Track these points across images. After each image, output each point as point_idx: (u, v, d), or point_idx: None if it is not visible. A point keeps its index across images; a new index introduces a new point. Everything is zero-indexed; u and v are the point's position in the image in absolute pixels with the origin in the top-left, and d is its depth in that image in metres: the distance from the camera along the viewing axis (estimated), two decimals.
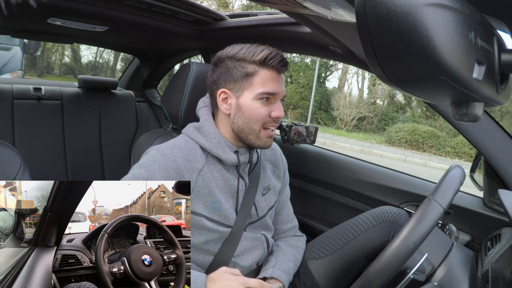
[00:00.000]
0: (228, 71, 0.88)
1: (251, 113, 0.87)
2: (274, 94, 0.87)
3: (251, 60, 0.85)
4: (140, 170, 0.82)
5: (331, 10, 0.63)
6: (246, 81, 0.86)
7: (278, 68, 0.86)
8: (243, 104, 0.87)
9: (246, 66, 0.86)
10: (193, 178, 0.86)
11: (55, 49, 13.25)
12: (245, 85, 0.86)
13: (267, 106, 0.87)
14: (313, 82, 10.91)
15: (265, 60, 0.85)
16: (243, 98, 0.87)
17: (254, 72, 0.85)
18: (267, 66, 0.85)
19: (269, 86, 0.86)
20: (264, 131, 0.89)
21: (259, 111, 0.86)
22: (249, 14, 1.41)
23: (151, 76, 2.14)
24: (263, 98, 0.86)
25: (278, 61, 0.85)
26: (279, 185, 1.06)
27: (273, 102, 0.88)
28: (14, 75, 4.72)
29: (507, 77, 0.37)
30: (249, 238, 0.95)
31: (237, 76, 0.87)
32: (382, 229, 0.96)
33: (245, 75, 0.86)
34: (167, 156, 0.85)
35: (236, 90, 0.88)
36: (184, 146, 0.89)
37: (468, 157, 9.26)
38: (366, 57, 0.32)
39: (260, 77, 0.85)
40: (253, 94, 0.86)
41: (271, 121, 0.88)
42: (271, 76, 0.86)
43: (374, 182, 1.39)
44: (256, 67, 0.85)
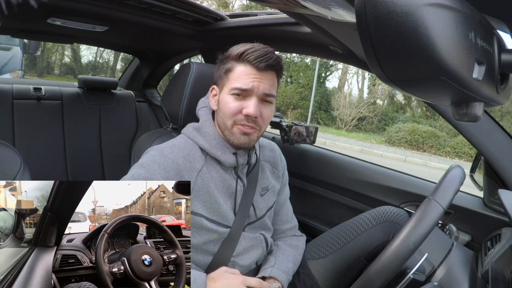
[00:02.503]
0: (218, 68, 0.92)
1: (223, 107, 0.88)
2: (246, 90, 0.84)
3: (230, 55, 0.87)
4: (140, 170, 0.82)
5: (331, 10, 0.63)
6: (226, 77, 0.88)
7: (256, 63, 0.83)
8: (221, 100, 0.89)
9: (227, 62, 0.88)
10: (193, 178, 0.86)
11: (55, 49, 13.25)
12: (225, 81, 0.89)
13: (239, 101, 0.85)
14: (313, 82, 10.91)
15: (241, 55, 0.85)
16: (222, 94, 0.89)
17: (231, 68, 0.87)
18: (243, 61, 0.85)
19: (241, 81, 0.84)
20: (237, 127, 0.86)
21: (229, 105, 0.86)
22: (249, 14, 1.41)
23: (151, 76, 2.14)
24: (235, 93, 0.85)
25: (255, 57, 0.83)
26: (278, 186, 1.06)
27: (248, 99, 0.85)
28: (14, 75, 4.72)
29: (507, 77, 0.37)
30: (248, 238, 0.95)
31: (221, 72, 0.90)
32: (382, 229, 0.96)
33: (226, 71, 0.88)
34: (167, 156, 0.85)
35: (220, 86, 0.91)
36: (184, 147, 0.89)
37: (468, 157, 9.25)
38: (366, 57, 0.32)
39: (236, 72, 0.86)
40: (227, 88, 0.87)
41: (242, 118, 0.85)
42: (246, 71, 0.84)
43: (374, 182, 1.39)
44: (233, 62, 0.87)
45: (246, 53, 0.84)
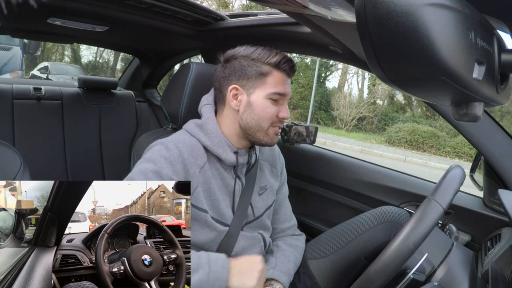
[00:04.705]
0: (242, 68, 0.91)
1: (261, 111, 0.90)
2: (283, 95, 0.92)
3: (267, 61, 0.90)
4: (148, 164, 0.83)
5: (331, 10, 0.63)
6: (259, 80, 0.90)
7: (289, 72, 0.92)
8: (254, 102, 0.91)
9: (261, 66, 0.90)
10: (197, 173, 0.87)
11: (55, 49, 13.26)
12: (258, 84, 0.90)
13: (275, 106, 0.92)
14: (313, 82, 10.91)
15: (279, 63, 0.90)
16: (255, 96, 0.91)
17: (268, 73, 0.90)
18: (280, 69, 0.90)
19: (280, 87, 0.91)
20: (272, 129, 0.93)
21: (268, 109, 0.91)
22: (249, 14, 1.40)
23: (151, 76, 2.14)
24: (273, 98, 0.90)
25: (290, 66, 0.92)
26: (276, 185, 1.07)
27: (281, 103, 0.93)
28: (14, 75, 4.73)
29: (507, 77, 0.37)
30: (246, 237, 0.96)
31: (251, 74, 0.90)
32: (383, 229, 0.96)
33: (260, 74, 0.90)
34: (173, 149, 0.86)
35: (248, 87, 0.91)
36: (188, 142, 0.90)
37: (468, 157, 9.26)
38: (366, 57, 0.32)
39: (273, 78, 0.90)
40: (265, 93, 0.90)
41: (277, 121, 0.93)
42: (282, 78, 0.91)
43: (374, 182, 1.39)
44: (270, 68, 0.90)
45: (283, 62, 0.90)
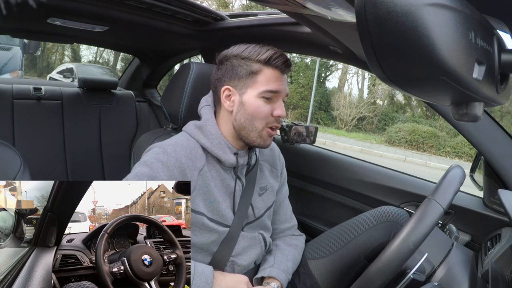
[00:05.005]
0: (233, 69, 0.90)
1: (253, 111, 0.88)
2: (277, 92, 0.88)
3: (256, 59, 0.87)
4: (144, 168, 0.82)
5: (331, 10, 0.63)
6: (250, 79, 0.88)
7: (282, 68, 0.88)
8: (246, 101, 0.88)
9: (251, 65, 0.88)
10: (194, 177, 0.87)
11: (55, 49, 13.26)
12: (249, 83, 0.88)
13: (269, 104, 0.89)
14: (313, 82, 10.91)
15: (269, 59, 0.87)
16: (247, 96, 0.89)
17: (258, 71, 0.87)
18: (271, 65, 0.87)
19: (272, 84, 0.88)
20: (267, 130, 0.90)
21: (261, 109, 0.88)
22: (249, 14, 1.40)
23: (151, 76, 2.14)
24: (266, 96, 0.88)
25: (282, 61, 0.88)
26: (276, 185, 1.06)
27: (276, 101, 0.89)
28: (14, 75, 4.72)
29: (507, 77, 0.37)
30: (247, 237, 0.96)
31: (241, 73, 0.88)
32: (383, 229, 0.96)
33: (250, 73, 0.88)
34: (170, 154, 0.85)
35: (240, 87, 0.89)
36: (186, 145, 0.89)
37: (468, 157, 9.25)
38: (366, 57, 0.32)
39: (265, 75, 0.87)
40: (256, 91, 0.88)
41: (273, 120, 0.90)
42: (274, 75, 0.88)
43: (374, 182, 1.39)
44: (260, 65, 0.87)
45: (274, 58, 0.87)
